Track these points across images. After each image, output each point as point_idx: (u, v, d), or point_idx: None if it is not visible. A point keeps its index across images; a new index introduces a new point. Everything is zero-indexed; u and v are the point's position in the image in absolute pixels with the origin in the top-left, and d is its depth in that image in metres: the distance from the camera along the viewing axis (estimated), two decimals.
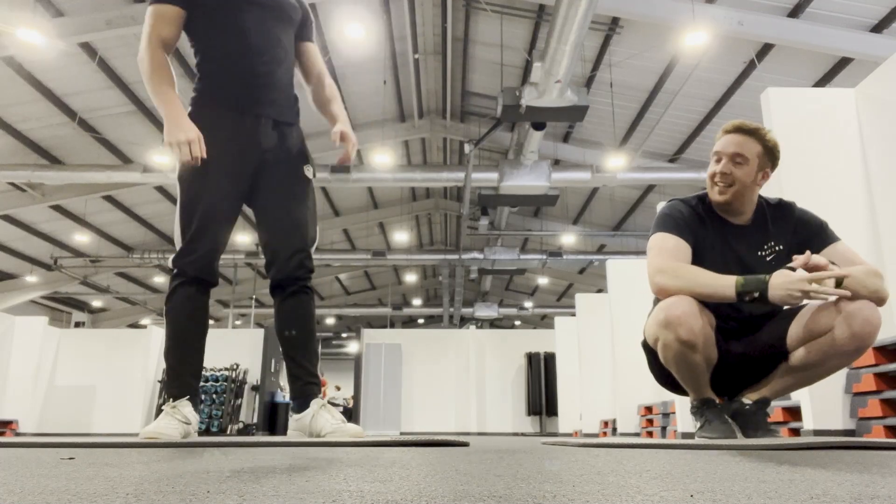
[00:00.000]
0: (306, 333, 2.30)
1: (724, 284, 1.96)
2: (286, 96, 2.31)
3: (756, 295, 1.91)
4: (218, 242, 2.19)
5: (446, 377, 13.83)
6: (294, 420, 2.29)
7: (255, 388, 12.81)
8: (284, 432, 12.39)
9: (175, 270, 2.18)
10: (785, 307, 2.15)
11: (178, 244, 2.17)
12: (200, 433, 11.57)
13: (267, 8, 2.26)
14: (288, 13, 2.32)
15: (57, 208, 13.68)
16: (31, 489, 0.63)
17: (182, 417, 2.07)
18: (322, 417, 2.21)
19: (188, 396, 2.12)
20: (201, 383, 12.39)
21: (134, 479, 0.72)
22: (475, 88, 12.21)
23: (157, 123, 11.29)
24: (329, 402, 2.30)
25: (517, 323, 26.57)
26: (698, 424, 2.22)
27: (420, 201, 17.03)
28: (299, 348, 2.28)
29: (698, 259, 2.17)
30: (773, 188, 3.66)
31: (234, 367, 12.59)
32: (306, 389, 2.26)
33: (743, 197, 2.20)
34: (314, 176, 2.38)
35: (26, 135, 11.09)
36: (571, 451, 1.39)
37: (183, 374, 2.15)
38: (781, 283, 1.87)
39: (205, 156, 2.09)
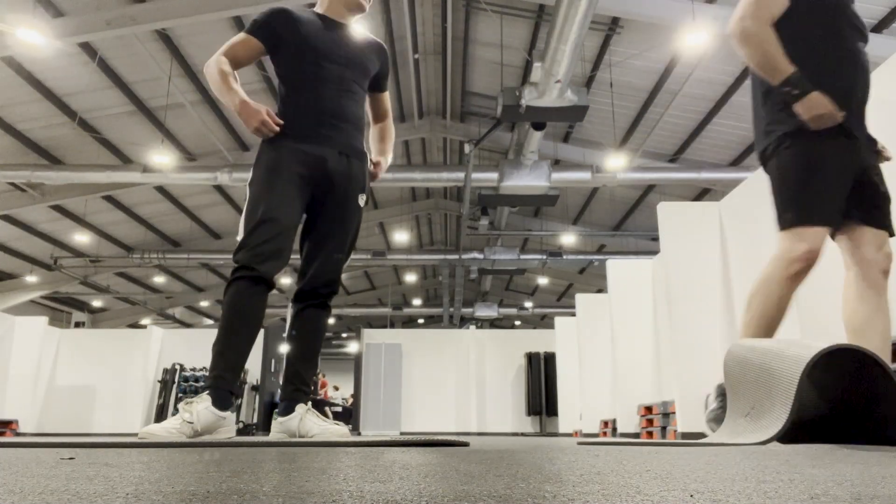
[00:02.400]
0: (314, 346, 2.52)
1: (781, 69, 2.14)
2: (354, 131, 2.56)
3: (794, 93, 2.10)
4: (273, 239, 2.30)
5: (446, 377, 13.83)
6: (279, 423, 2.41)
7: (255, 388, 12.81)
8: None
9: (234, 266, 2.31)
10: None
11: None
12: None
13: (345, 64, 2.55)
14: (365, 66, 2.62)
15: (57, 208, 13.69)
16: (31, 489, 0.63)
17: (188, 417, 2.09)
18: (309, 420, 2.36)
19: (209, 391, 2.19)
20: (197, 384, 12.39)
21: (134, 479, 0.72)
22: (475, 88, 12.21)
23: (157, 123, 11.29)
24: (328, 403, 2.36)
25: (517, 323, 26.57)
26: (714, 406, 2.22)
27: (420, 201, 17.03)
28: (303, 357, 2.49)
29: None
30: None
31: (244, 367, 12.59)
32: (296, 395, 2.44)
33: None
34: (366, 203, 2.62)
35: (26, 135, 11.10)
36: (571, 451, 1.39)
37: (217, 366, 2.23)
38: (814, 104, 2.08)
39: (277, 127, 2.40)
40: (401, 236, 18.27)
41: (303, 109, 2.48)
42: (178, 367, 12.51)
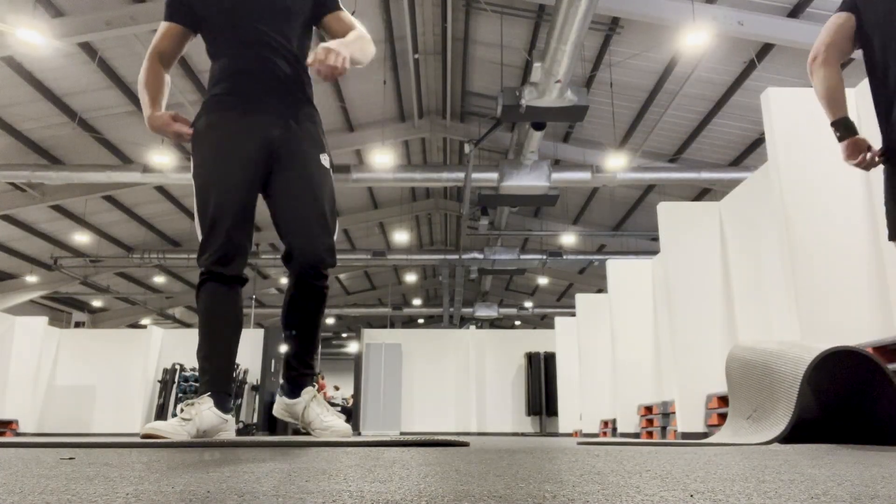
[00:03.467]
0: (311, 326, 2.31)
1: (833, 111, 2.39)
2: (292, 89, 2.30)
3: (837, 135, 2.38)
4: (232, 236, 2.17)
5: (446, 377, 13.83)
6: (284, 403, 2.32)
7: (255, 388, 12.81)
8: (284, 432, 12.39)
9: (200, 270, 2.21)
10: None
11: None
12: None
13: (261, 16, 2.28)
14: (286, 8, 2.31)
15: (57, 208, 13.69)
16: (31, 489, 0.63)
17: (188, 416, 2.07)
18: (313, 410, 2.24)
19: (210, 393, 2.12)
20: (197, 384, 12.37)
21: (134, 479, 0.72)
22: (475, 88, 12.21)
23: None
24: (329, 404, 2.33)
25: (517, 323, 26.57)
26: None
27: (420, 201, 17.03)
28: (300, 339, 2.31)
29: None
30: (774, 187, 3.66)
31: (234, 366, 12.60)
32: (300, 379, 2.31)
33: None
34: (331, 166, 2.36)
35: (26, 135, 11.10)
36: (571, 451, 1.39)
37: (207, 372, 2.15)
38: (844, 148, 2.35)
39: (181, 130, 2.21)
40: (401, 236, 18.27)
41: (227, 80, 2.26)
42: (178, 367, 12.51)
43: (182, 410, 2.09)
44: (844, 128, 2.35)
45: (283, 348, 2.34)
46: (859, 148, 2.32)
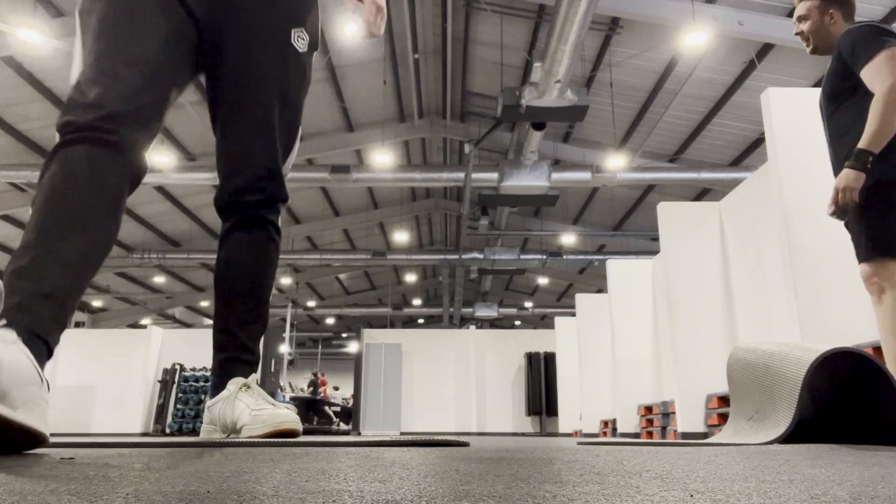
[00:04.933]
0: (251, 286, 1.55)
1: (881, 145, 2.24)
2: None
3: (866, 165, 2.26)
4: (146, 90, 1.31)
5: (446, 377, 13.84)
6: (206, 410, 1.59)
7: None
8: None
9: (59, 126, 1.29)
10: None
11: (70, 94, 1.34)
12: (189, 433, 11.56)
13: None
14: None
15: None
16: (30, 489, 0.63)
17: None
18: (240, 404, 1.48)
19: (10, 323, 1.02)
20: (197, 384, 12.31)
21: (134, 479, 0.72)
22: (475, 88, 12.21)
23: None
24: (328, 402, 2.26)
25: (517, 323, 26.58)
26: None
27: (420, 201, 17.04)
28: (235, 306, 1.55)
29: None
30: (774, 187, 3.66)
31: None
32: (229, 366, 1.53)
33: (820, 41, 2.55)
34: (308, 48, 1.59)
35: (26, 135, 11.10)
36: (571, 451, 1.39)
37: (27, 278, 1.08)
38: (857, 180, 2.27)
39: None
40: (401, 236, 18.27)
41: None
42: (178, 367, 12.52)
43: None
44: (869, 163, 2.23)
45: (213, 324, 1.59)
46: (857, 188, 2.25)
